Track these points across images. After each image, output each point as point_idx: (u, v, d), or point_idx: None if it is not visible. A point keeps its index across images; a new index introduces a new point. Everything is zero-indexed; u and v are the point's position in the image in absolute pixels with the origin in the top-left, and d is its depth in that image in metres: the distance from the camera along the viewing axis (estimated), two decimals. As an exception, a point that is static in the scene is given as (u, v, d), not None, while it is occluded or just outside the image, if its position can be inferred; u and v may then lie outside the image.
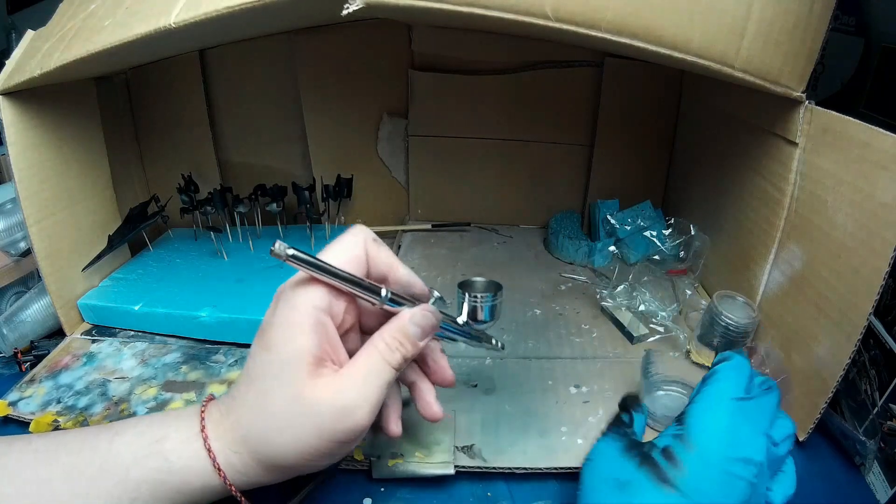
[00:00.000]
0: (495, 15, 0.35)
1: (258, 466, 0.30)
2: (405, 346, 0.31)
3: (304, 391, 0.28)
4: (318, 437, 0.28)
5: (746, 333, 0.49)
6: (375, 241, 0.32)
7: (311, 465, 0.30)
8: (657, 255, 0.63)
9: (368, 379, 0.29)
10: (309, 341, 0.28)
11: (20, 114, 0.48)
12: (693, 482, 0.27)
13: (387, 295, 0.31)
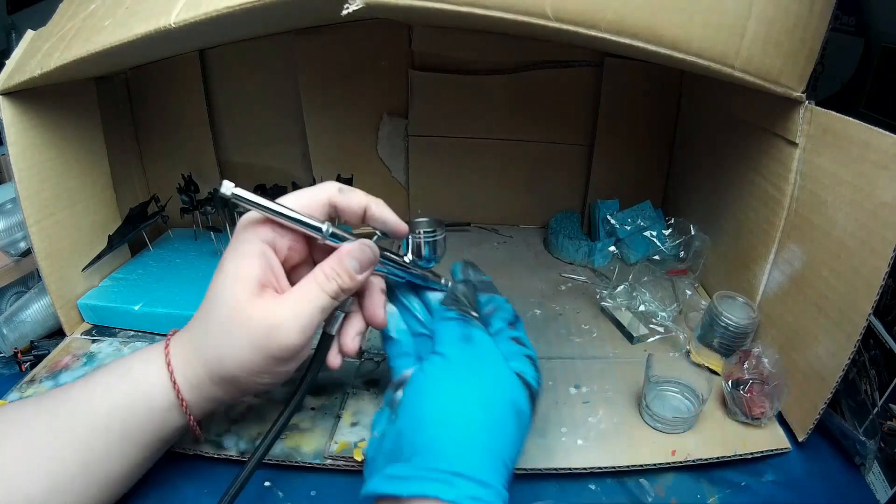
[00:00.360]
0: (495, 15, 0.35)
1: (209, 379, 0.33)
2: (342, 276, 0.33)
3: (243, 305, 0.31)
4: (251, 350, 0.31)
5: (746, 334, 0.49)
6: (343, 189, 0.35)
7: (253, 380, 0.32)
8: (657, 255, 0.63)
9: (300, 302, 0.32)
10: (252, 265, 0.32)
11: (20, 114, 0.48)
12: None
13: (328, 230, 0.33)
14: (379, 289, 0.37)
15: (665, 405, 0.46)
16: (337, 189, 0.35)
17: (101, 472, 0.33)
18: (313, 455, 0.42)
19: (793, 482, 0.42)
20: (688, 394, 0.46)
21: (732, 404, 0.45)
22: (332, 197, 0.34)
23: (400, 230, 0.37)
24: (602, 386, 0.49)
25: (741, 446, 0.43)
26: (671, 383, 0.47)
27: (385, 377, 0.50)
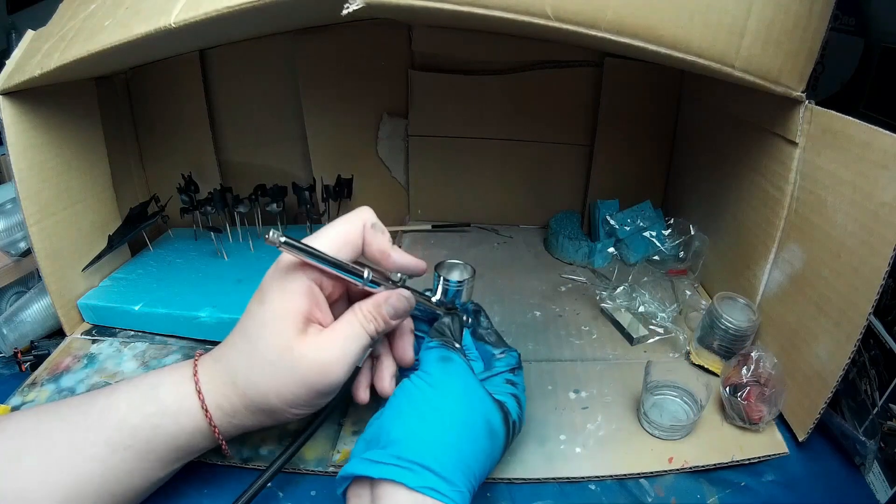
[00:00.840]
0: (495, 15, 0.35)
1: (244, 409, 0.34)
2: (378, 320, 0.35)
3: (293, 344, 0.32)
4: (300, 386, 0.32)
5: (746, 336, 0.49)
6: (374, 226, 0.36)
7: (291, 411, 0.34)
8: (657, 256, 0.63)
9: (347, 340, 0.34)
10: (300, 301, 0.33)
11: (20, 114, 0.48)
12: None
13: (368, 277, 0.35)
14: (409, 329, 0.39)
15: (663, 412, 0.46)
16: (370, 224, 0.36)
17: (119, 488, 0.33)
18: (316, 462, 0.42)
19: (793, 482, 0.42)
20: (686, 399, 0.46)
21: (730, 409, 0.45)
22: (366, 230, 0.36)
23: (419, 271, 0.38)
24: (601, 390, 0.49)
25: (739, 452, 0.43)
26: (670, 388, 0.47)
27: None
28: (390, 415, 0.33)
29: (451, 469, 0.31)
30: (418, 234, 0.77)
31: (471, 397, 0.34)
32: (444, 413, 0.33)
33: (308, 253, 0.33)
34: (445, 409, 0.33)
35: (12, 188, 0.50)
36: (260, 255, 0.65)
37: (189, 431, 0.34)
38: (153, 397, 0.34)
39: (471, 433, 0.33)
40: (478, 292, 0.63)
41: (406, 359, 0.38)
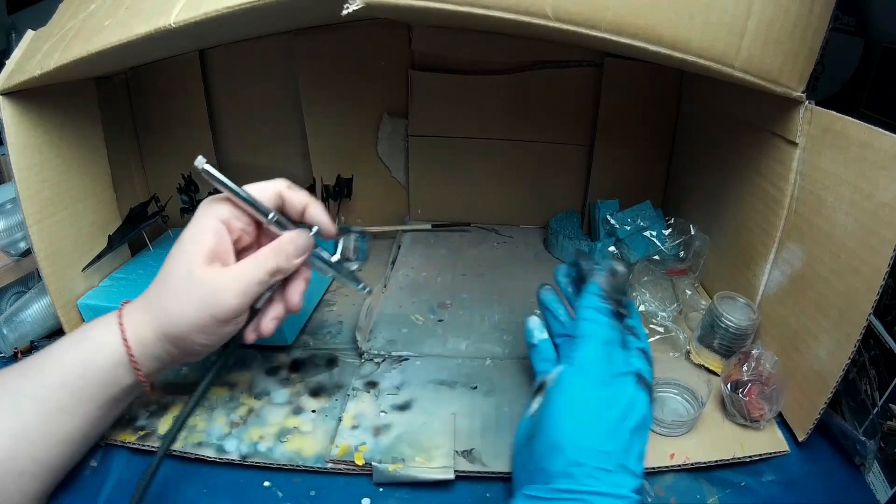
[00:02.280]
0: (495, 15, 0.35)
1: (156, 338, 0.36)
2: (279, 256, 0.37)
3: (193, 268, 0.36)
4: (197, 309, 0.35)
5: (746, 335, 0.49)
6: (291, 187, 0.39)
7: (197, 340, 0.36)
8: (657, 255, 0.63)
9: (242, 272, 0.36)
10: (207, 238, 0.36)
11: (20, 114, 0.48)
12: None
13: (273, 217, 0.38)
14: (303, 278, 0.41)
15: (664, 408, 0.46)
16: (286, 185, 0.39)
17: (60, 428, 0.36)
18: (314, 459, 0.42)
19: (793, 482, 0.42)
20: (687, 396, 0.46)
21: (731, 407, 0.45)
22: (282, 190, 0.39)
23: (329, 230, 0.41)
24: (602, 386, 0.49)
25: (740, 449, 0.43)
26: (671, 385, 0.47)
27: (385, 379, 0.50)
28: (546, 443, 0.34)
29: (619, 485, 0.31)
30: (418, 234, 0.77)
31: (632, 404, 0.34)
32: (603, 433, 0.33)
33: (220, 182, 0.36)
34: (605, 428, 0.33)
35: (12, 188, 0.50)
36: (260, 255, 0.65)
37: (115, 363, 0.36)
38: (85, 336, 0.37)
39: (631, 441, 0.33)
40: (478, 292, 0.63)
41: (292, 303, 0.40)
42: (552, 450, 0.33)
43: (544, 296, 0.46)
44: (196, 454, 0.43)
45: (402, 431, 0.44)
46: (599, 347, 0.36)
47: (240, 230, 0.38)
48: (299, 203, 0.39)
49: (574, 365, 0.36)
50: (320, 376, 0.51)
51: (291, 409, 0.47)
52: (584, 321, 0.37)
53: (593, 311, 0.37)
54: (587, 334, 0.36)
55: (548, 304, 0.46)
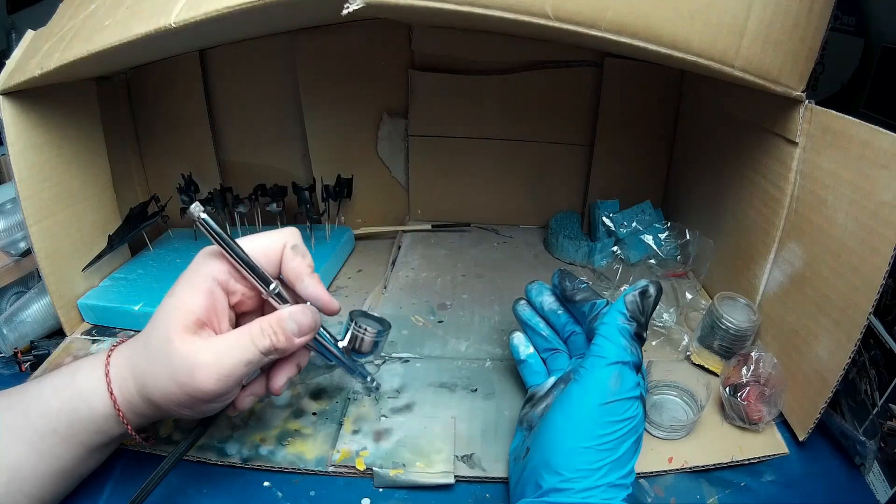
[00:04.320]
0: (495, 15, 0.35)
1: (139, 397, 0.33)
2: (278, 335, 0.33)
3: (173, 336, 0.31)
4: (172, 383, 0.31)
5: (747, 336, 0.49)
6: (296, 248, 0.34)
7: (175, 410, 0.33)
8: (654, 259, 0.63)
9: (228, 350, 0.31)
10: (196, 300, 0.32)
11: (20, 114, 0.48)
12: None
13: (275, 288, 0.33)
14: (296, 363, 0.37)
15: (663, 411, 0.46)
16: (291, 246, 0.34)
17: (52, 470, 0.34)
18: (316, 462, 0.42)
19: (793, 482, 0.42)
20: (686, 398, 0.46)
21: (730, 409, 0.44)
22: (286, 251, 0.34)
23: (330, 309, 0.36)
24: (602, 386, 0.49)
25: (738, 452, 0.43)
26: (670, 387, 0.47)
27: (385, 381, 0.50)
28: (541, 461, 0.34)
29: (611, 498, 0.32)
30: (418, 234, 0.77)
31: (632, 423, 0.34)
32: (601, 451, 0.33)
33: (219, 237, 0.31)
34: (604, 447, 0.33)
35: (12, 188, 0.50)
36: (260, 255, 0.65)
37: (102, 415, 0.34)
38: (72, 382, 0.34)
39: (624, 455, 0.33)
40: (478, 293, 0.63)
41: (274, 388, 0.36)
42: (547, 468, 0.33)
43: (522, 313, 0.46)
44: (198, 458, 0.42)
45: (402, 436, 0.44)
46: (611, 369, 0.34)
47: (240, 293, 0.33)
48: (298, 271, 0.34)
49: (581, 384, 0.35)
50: (320, 378, 0.51)
51: (292, 412, 0.47)
52: (601, 338, 0.36)
53: (613, 330, 0.36)
54: (601, 354, 0.35)
55: (528, 321, 0.46)
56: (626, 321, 0.36)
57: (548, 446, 0.34)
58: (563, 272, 0.44)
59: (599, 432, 0.33)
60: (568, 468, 0.32)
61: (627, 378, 0.35)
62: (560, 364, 0.43)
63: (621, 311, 0.36)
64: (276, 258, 0.34)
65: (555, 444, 0.34)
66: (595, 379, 0.34)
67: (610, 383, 0.34)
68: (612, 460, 0.33)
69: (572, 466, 0.32)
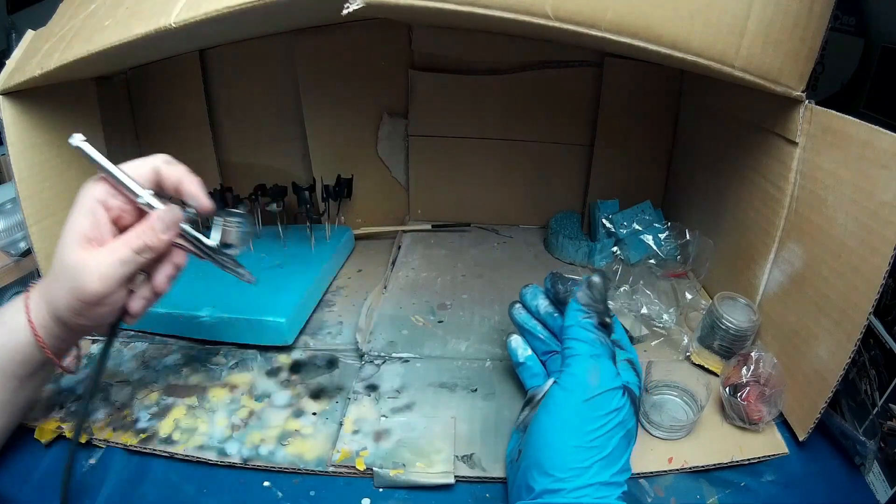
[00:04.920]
0: (495, 15, 0.35)
1: (50, 318, 0.37)
2: (147, 234, 0.36)
3: (66, 253, 0.35)
4: (67, 292, 0.35)
5: (747, 336, 0.49)
6: (169, 161, 0.38)
7: (75, 320, 0.36)
8: (654, 259, 0.63)
9: (107, 254, 0.36)
10: (81, 220, 0.36)
11: (20, 114, 0.48)
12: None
13: (143, 198, 0.36)
14: (173, 262, 0.39)
15: (663, 411, 0.46)
16: (163, 160, 0.38)
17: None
18: (316, 462, 0.42)
19: (793, 482, 0.42)
20: (686, 399, 0.46)
21: (730, 409, 0.44)
22: (160, 166, 0.37)
23: (203, 205, 0.39)
24: (602, 386, 0.49)
25: (738, 452, 0.43)
26: (670, 388, 0.47)
27: (386, 382, 0.50)
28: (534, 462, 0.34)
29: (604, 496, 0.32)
30: (418, 234, 0.77)
31: (619, 418, 0.34)
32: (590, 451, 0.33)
33: (93, 160, 0.36)
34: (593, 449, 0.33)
35: (12, 188, 0.50)
36: (260, 255, 0.65)
37: (25, 343, 0.37)
38: (2, 321, 0.38)
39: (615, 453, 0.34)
40: (478, 293, 0.63)
41: (157, 286, 0.39)
42: (538, 469, 0.33)
43: (518, 316, 0.47)
44: (198, 457, 0.43)
45: (402, 436, 0.44)
46: (586, 365, 0.36)
47: (118, 208, 0.37)
48: (174, 178, 0.37)
49: (561, 385, 0.36)
50: (321, 378, 0.51)
51: (292, 412, 0.47)
52: (569, 339, 0.37)
53: (577, 329, 0.37)
54: (573, 353, 0.37)
55: (524, 325, 0.46)
56: (585, 316, 0.38)
57: (537, 447, 0.34)
58: (556, 275, 0.44)
59: (586, 429, 0.33)
60: (558, 468, 0.33)
61: (605, 369, 0.35)
62: (559, 366, 0.43)
63: (578, 308, 0.38)
64: (149, 173, 0.37)
65: (544, 444, 0.34)
66: (573, 377, 0.35)
67: (589, 379, 0.35)
68: (603, 457, 0.33)
69: (563, 466, 0.33)
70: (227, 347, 0.54)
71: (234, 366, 0.52)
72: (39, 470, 0.43)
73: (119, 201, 0.37)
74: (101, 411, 0.47)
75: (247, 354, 0.53)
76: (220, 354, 0.54)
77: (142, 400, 0.48)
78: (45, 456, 0.44)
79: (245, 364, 0.52)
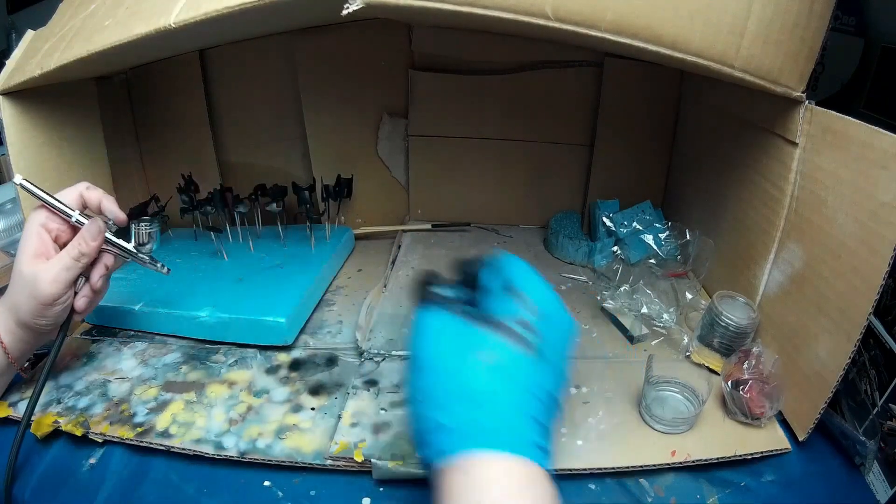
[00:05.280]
0: (495, 15, 0.35)
1: (15, 324, 0.44)
2: (80, 243, 0.44)
3: (22, 267, 0.43)
4: (27, 297, 0.43)
5: (746, 334, 0.49)
6: (89, 188, 0.46)
7: (36, 322, 0.44)
8: (654, 259, 0.63)
9: (54, 262, 0.44)
10: (31, 241, 0.44)
11: (20, 114, 0.48)
12: (547, 348, 0.34)
13: (74, 217, 0.44)
14: (104, 263, 0.47)
15: (665, 406, 0.46)
16: (85, 187, 0.46)
17: None
18: (313, 456, 0.42)
19: (793, 482, 0.42)
20: (688, 394, 0.46)
21: (732, 404, 0.45)
22: (82, 192, 0.46)
23: (118, 217, 0.47)
24: (602, 386, 0.49)
25: (741, 447, 0.43)
26: (671, 384, 0.47)
27: (385, 377, 0.50)
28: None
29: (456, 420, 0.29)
30: (418, 234, 0.77)
31: (453, 341, 0.32)
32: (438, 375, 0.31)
33: (35, 194, 0.44)
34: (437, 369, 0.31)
35: (12, 188, 0.50)
36: (260, 255, 0.65)
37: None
38: None
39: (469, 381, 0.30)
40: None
41: (93, 284, 0.46)
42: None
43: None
44: (195, 450, 0.43)
45: (401, 429, 0.44)
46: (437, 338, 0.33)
47: (56, 229, 0.45)
48: (96, 200, 0.46)
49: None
50: (320, 375, 0.51)
51: (291, 407, 0.47)
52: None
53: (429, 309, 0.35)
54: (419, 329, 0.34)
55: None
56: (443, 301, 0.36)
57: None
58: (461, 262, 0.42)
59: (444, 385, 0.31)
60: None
61: (461, 335, 0.33)
62: None
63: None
64: (76, 198, 0.45)
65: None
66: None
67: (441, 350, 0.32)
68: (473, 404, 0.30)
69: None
70: (226, 346, 0.54)
71: (233, 363, 0.52)
72: (39, 470, 0.43)
73: (56, 224, 0.45)
74: (99, 406, 0.47)
75: (246, 353, 0.53)
76: (220, 353, 0.54)
77: (140, 395, 0.48)
78: (44, 456, 0.44)
79: (244, 362, 0.52)
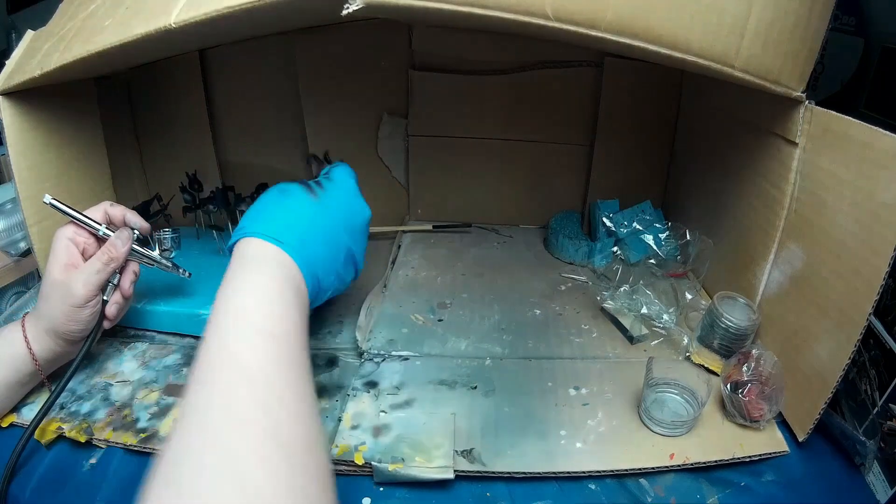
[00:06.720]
0: (495, 15, 0.35)
1: (45, 334, 0.46)
2: (111, 249, 0.47)
3: (55, 277, 0.45)
4: (60, 302, 0.45)
5: (746, 335, 0.49)
6: (112, 206, 0.49)
7: (68, 327, 0.45)
8: (655, 259, 0.63)
9: (85, 268, 0.46)
10: (61, 254, 0.46)
11: (20, 114, 0.48)
12: (327, 198, 0.47)
13: (101, 230, 0.47)
14: (132, 270, 0.50)
15: (664, 408, 0.46)
16: (108, 204, 0.49)
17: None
18: (314, 456, 0.42)
19: (793, 482, 0.42)
20: (687, 396, 0.46)
21: (731, 407, 0.45)
22: (106, 209, 0.49)
23: (143, 227, 0.50)
24: (601, 387, 0.49)
25: (739, 449, 0.43)
26: (671, 385, 0.47)
27: (386, 379, 0.50)
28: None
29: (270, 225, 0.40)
30: (418, 234, 0.77)
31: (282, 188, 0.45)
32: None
33: (64, 211, 0.46)
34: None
35: (12, 188, 0.50)
36: (260, 255, 0.65)
37: (20, 355, 0.45)
38: (2, 336, 0.47)
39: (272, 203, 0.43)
40: (478, 292, 0.63)
41: (123, 290, 0.49)
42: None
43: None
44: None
45: (401, 431, 0.44)
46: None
47: (83, 243, 0.47)
48: (120, 215, 0.49)
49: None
50: (321, 376, 0.51)
51: (291, 409, 0.47)
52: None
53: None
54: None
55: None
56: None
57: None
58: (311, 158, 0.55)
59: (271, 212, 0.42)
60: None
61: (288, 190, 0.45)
62: None
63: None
64: (102, 215, 0.48)
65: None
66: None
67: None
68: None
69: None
70: (227, 347, 0.54)
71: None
72: (39, 470, 0.43)
73: (83, 237, 0.47)
74: (102, 411, 0.47)
75: (247, 354, 0.53)
76: (221, 354, 0.54)
77: (142, 400, 0.48)
78: (45, 456, 0.44)
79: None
